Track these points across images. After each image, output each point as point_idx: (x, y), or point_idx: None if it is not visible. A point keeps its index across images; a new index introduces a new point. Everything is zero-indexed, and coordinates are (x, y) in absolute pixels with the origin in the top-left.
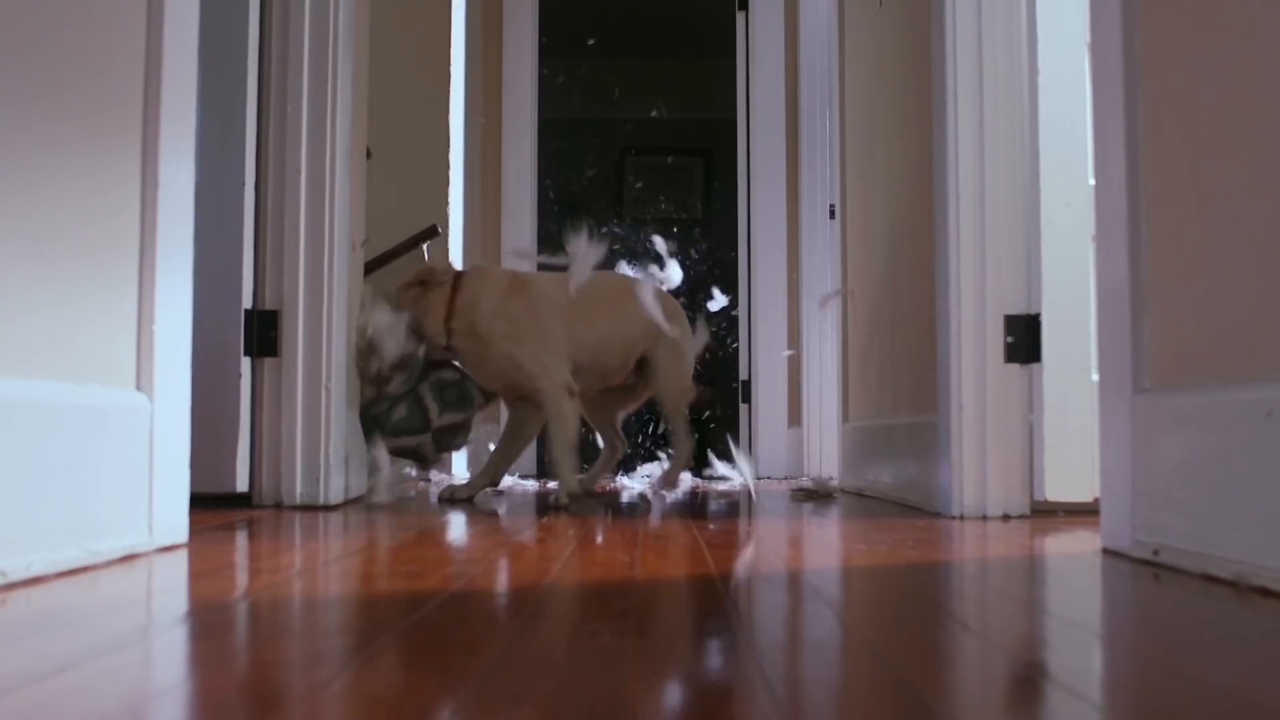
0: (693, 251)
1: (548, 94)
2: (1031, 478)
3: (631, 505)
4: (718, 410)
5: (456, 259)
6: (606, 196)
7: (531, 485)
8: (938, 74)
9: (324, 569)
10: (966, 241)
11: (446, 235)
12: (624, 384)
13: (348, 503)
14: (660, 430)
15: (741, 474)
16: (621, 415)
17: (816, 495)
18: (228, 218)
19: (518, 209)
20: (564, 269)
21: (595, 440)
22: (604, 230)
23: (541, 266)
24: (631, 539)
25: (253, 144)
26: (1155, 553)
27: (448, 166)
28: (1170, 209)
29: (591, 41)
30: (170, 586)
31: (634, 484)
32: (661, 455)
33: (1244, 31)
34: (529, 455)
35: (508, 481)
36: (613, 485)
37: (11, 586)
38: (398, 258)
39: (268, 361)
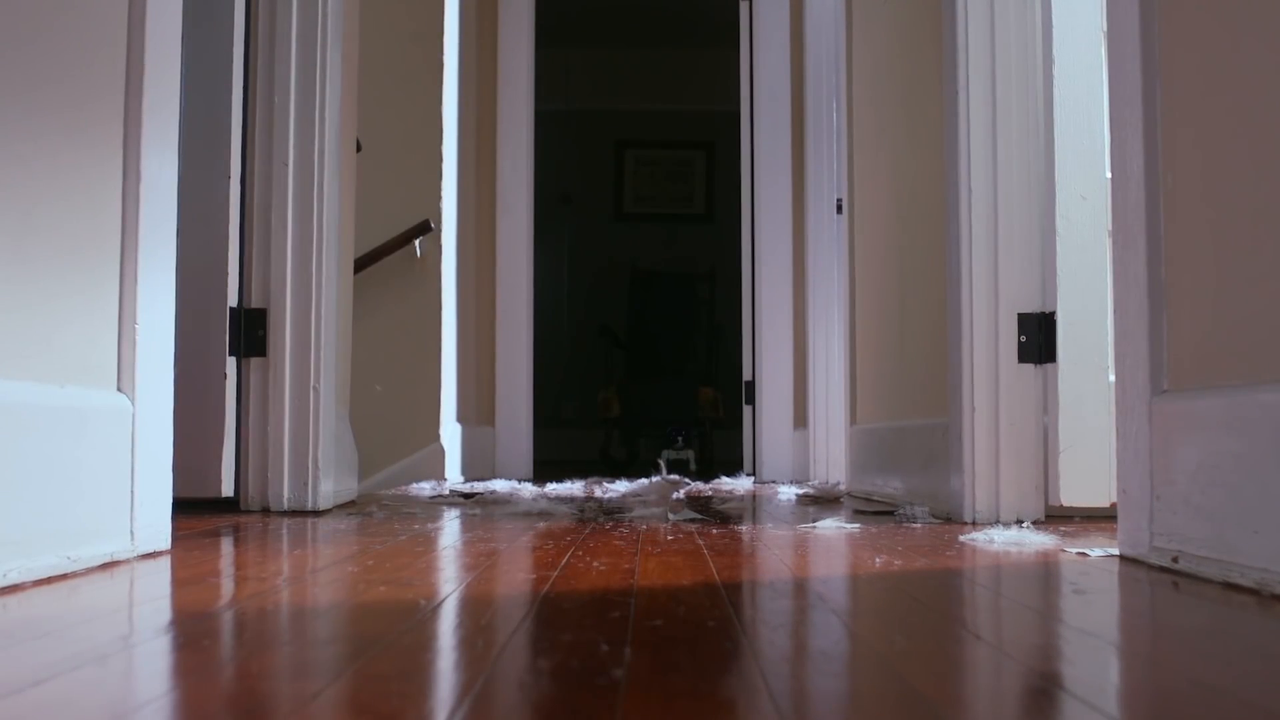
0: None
1: (545, 85)
2: (1046, 482)
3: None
4: (721, 411)
5: (450, 254)
6: (605, 191)
7: (530, 489)
8: (949, 64)
9: (312, 576)
10: (978, 237)
11: (439, 230)
12: None
13: (337, 508)
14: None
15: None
16: None
17: (822, 500)
18: (212, 212)
19: (513, 203)
20: None
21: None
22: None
23: None
24: (632, 544)
25: (238, 136)
26: (1174, 560)
27: (440, 159)
28: (1190, 203)
29: (590, 31)
30: (152, 595)
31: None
32: (661, 462)
33: (1267, 18)
34: (525, 456)
35: (504, 486)
36: None
37: None
38: (389, 254)
39: (254, 361)
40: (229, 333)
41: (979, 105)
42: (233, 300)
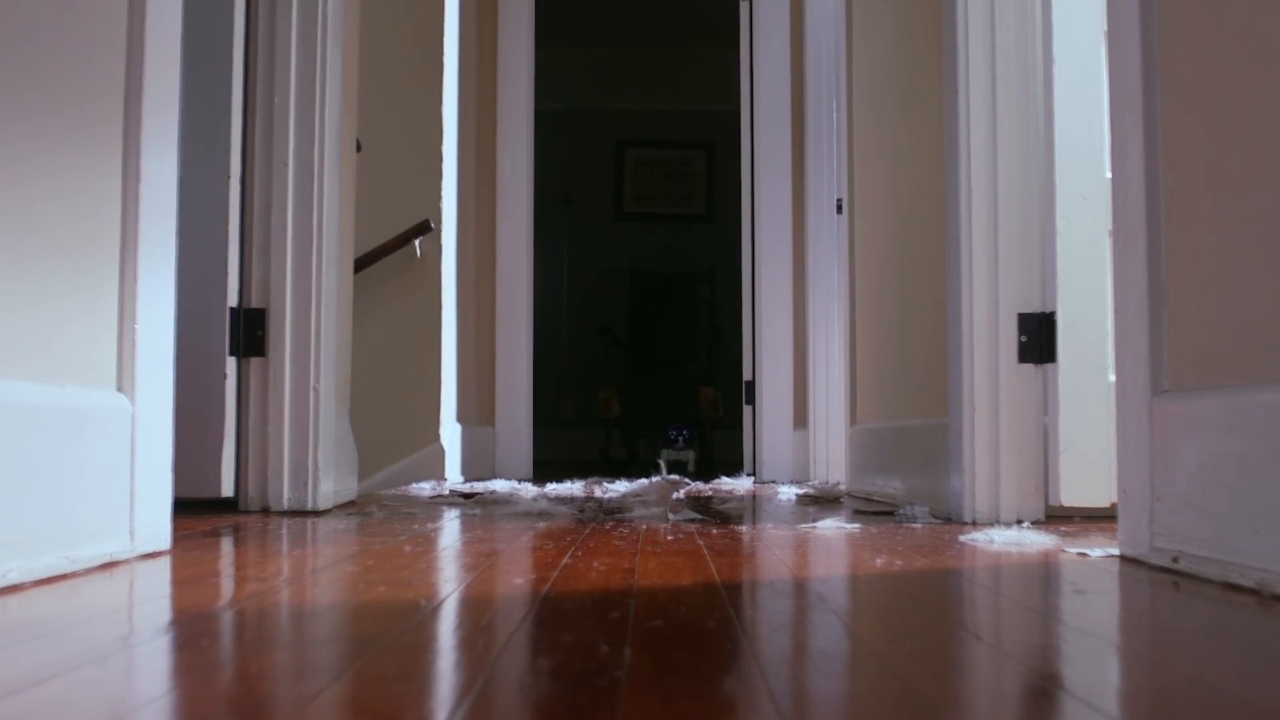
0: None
1: (544, 84)
2: (1046, 482)
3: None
4: (721, 411)
5: (450, 254)
6: (605, 191)
7: (530, 489)
8: (949, 63)
9: (312, 576)
10: (978, 237)
11: (439, 230)
12: None
13: (337, 508)
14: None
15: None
16: None
17: (822, 500)
18: (212, 212)
19: (514, 203)
20: None
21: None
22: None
23: None
24: (632, 544)
25: (238, 135)
26: (1175, 560)
27: (440, 159)
28: (1191, 203)
29: (589, 30)
30: (152, 595)
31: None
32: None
33: (1267, 18)
34: (525, 456)
35: (504, 486)
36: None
37: None
38: (389, 254)
39: (254, 361)
40: (229, 333)
41: (979, 105)
42: (233, 300)
